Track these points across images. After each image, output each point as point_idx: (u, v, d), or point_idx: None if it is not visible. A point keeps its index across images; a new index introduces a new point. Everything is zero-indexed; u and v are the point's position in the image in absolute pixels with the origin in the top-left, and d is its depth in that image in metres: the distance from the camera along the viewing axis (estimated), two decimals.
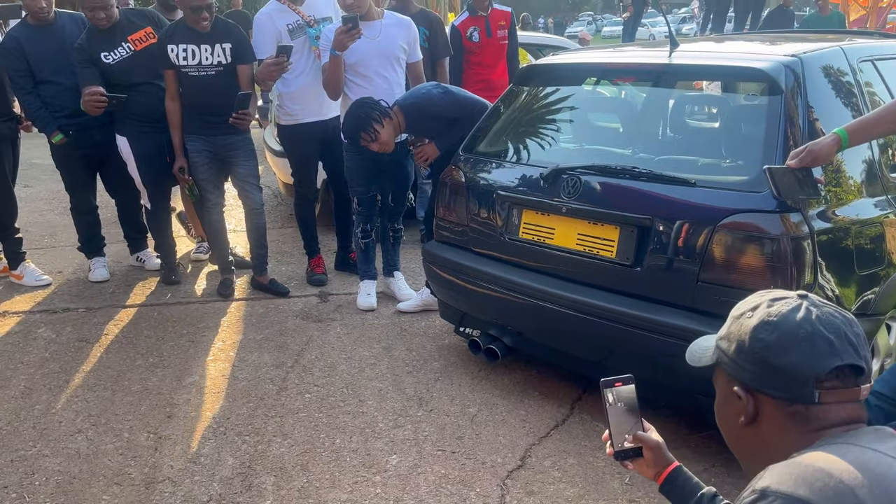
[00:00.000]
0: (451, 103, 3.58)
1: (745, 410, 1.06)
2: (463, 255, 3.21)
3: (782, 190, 2.21)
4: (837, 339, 1.01)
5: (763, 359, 1.03)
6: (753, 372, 1.04)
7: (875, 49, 2.94)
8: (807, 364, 1.00)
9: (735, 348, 1.07)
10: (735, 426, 1.09)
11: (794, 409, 1.02)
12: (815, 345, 1.00)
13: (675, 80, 3.00)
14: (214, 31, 3.91)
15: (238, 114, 3.85)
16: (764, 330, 1.04)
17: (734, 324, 1.10)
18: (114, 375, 3.36)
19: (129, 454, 2.74)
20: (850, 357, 1.01)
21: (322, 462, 2.68)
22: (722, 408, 1.14)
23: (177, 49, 3.89)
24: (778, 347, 1.02)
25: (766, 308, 1.06)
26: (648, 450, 1.39)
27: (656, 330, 2.49)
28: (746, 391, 1.06)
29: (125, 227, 4.78)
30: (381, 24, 3.86)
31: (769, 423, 1.05)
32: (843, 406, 1.01)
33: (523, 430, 2.87)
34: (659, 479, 1.39)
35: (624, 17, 12.77)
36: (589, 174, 2.75)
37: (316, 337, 3.75)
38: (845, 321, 1.04)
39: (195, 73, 3.92)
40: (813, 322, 1.02)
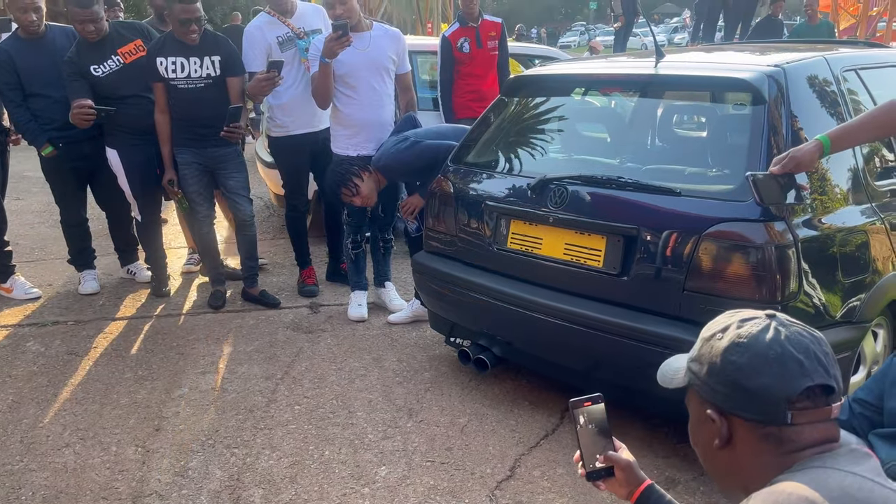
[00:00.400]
0: (420, 155, 3.54)
1: (719, 433, 1.06)
2: (452, 265, 3.21)
3: (765, 197, 2.23)
4: (807, 360, 1.01)
5: (735, 381, 1.03)
6: (726, 394, 1.04)
7: (858, 58, 2.97)
8: (778, 385, 1.01)
9: (707, 370, 1.07)
10: (710, 449, 1.09)
11: (768, 431, 1.02)
12: (786, 366, 1.01)
13: (660, 90, 3.01)
14: (203, 44, 3.92)
15: (229, 127, 3.85)
16: (735, 352, 1.04)
17: (705, 346, 1.09)
18: (102, 389, 3.34)
19: (117, 468, 2.73)
20: (820, 377, 1.01)
21: (311, 474, 2.67)
22: (696, 430, 1.14)
23: (166, 62, 3.90)
24: (749, 369, 1.02)
25: (735, 329, 1.06)
26: (620, 469, 1.38)
27: (643, 339, 2.49)
28: (720, 414, 1.06)
29: (115, 239, 4.78)
30: (370, 35, 3.87)
31: (743, 445, 1.05)
32: (816, 426, 1.02)
33: (513, 441, 2.86)
34: (632, 498, 1.38)
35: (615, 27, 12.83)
36: (575, 184, 2.76)
37: (306, 348, 3.74)
38: (814, 340, 1.04)
39: (184, 85, 3.93)
40: (782, 343, 1.02)
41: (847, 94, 2.73)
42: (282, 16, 4.14)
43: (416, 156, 3.56)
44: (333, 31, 3.60)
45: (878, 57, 3.11)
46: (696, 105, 3.34)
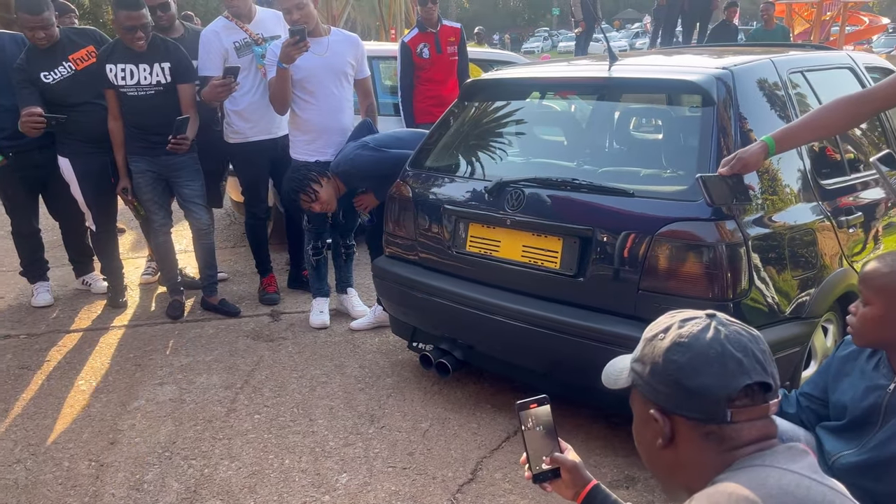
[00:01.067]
0: (380, 162, 3.54)
1: (662, 433, 1.07)
2: (412, 269, 3.21)
3: (715, 197, 2.27)
4: (746, 358, 1.03)
5: (676, 380, 1.04)
6: (668, 394, 1.06)
7: (805, 61, 3.04)
8: (718, 384, 1.02)
9: (649, 371, 1.08)
10: (653, 448, 1.10)
11: (709, 430, 1.04)
12: (726, 365, 1.02)
13: (614, 92, 3.05)
14: (153, 51, 3.87)
15: (176, 139, 3.77)
16: (676, 351, 1.05)
17: (647, 346, 1.10)
18: (55, 403, 3.26)
19: (70, 483, 2.66)
20: (758, 375, 1.03)
21: (270, 483, 2.63)
22: (639, 430, 1.15)
23: (115, 69, 3.84)
24: (690, 369, 1.03)
25: (677, 329, 1.07)
26: (566, 471, 1.39)
27: (600, 339, 2.51)
28: (662, 413, 1.07)
29: (70, 250, 4.68)
30: (328, 40, 3.86)
31: (686, 444, 1.06)
32: (755, 423, 1.04)
33: (475, 444, 2.86)
34: (578, 499, 1.39)
35: (576, 32, 12.98)
36: (532, 187, 2.78)
37: (267, 356, 3.70)
38: (752, 339, 1.06)
39: (134, 92, 3.87)
40: (722, 342, 1.04)
41: (794, 95, 2.80)
42: (239, 21, 4.09)
43: (376, 162, 3.55)
44: (290, 35, 3.57)
45: (824, 59, 3.19)
46: (649, 107, 3.39)
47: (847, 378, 1.83)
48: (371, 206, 3.72)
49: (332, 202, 3.73)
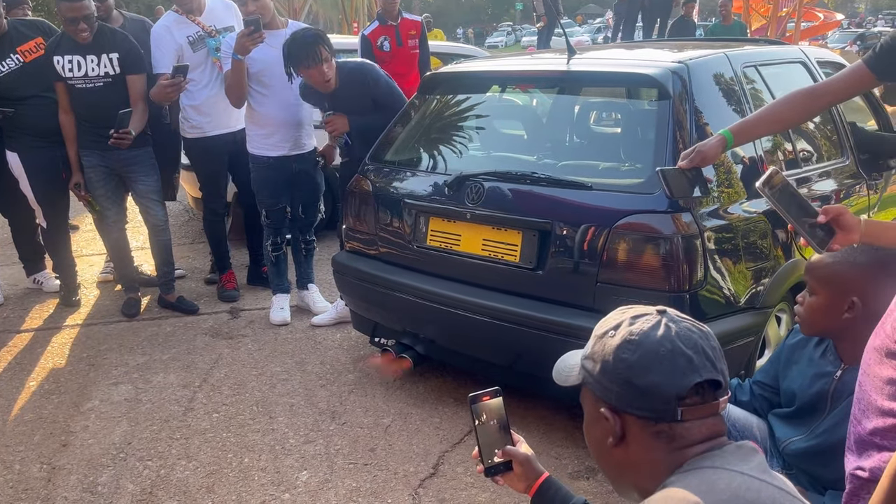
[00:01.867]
0: (387, 86, 3.56)
1: (613, 431, 1.06)
2: (373, 264, 3.18)
3: (674, 190, 2.28)
4: (696, 355, 1.02)
5: (627, 379, 1.03)
6: (618, 392, 1.04)
7: (758, 55, 3.09)
8: (668, 382, 1.01)
9: (600, 369, 1.06)
10: (604, 446, 1.08)
11: (659, 428, 1.03)
12: (676, 362, 1.01)
13: (573, 86, 3.07)
14: (100, 41, 3.77)
15: (118, 133, 3.65)
16: (626, 349, 1.04)
17: (598, 343, 1.09)
18: (4, 404, 3.17)
19: (20, 487, 2.58)
20: (708, 372, 1.02)
21: (229, 483, 2.59)
22: (590, 428, 1.13)
23: (62, 60, 3.73)
24: (640, 367, 1.02)
25: (627, 327, 1.06)
26: (518, 464, 1.37)
27: (560, 331, 2.52)
28: (613, 412, 1.05)
29: (20, 248, 4.54)
30: (284, 33, 3.78)
31: (636, 442, 1.05)
32: (705, 421, 1.03)
33: (437, 438, 2.86)
34: (530, 491, 1.38)
35: (538, 27, 13.05)
36: (491, 180, 2.77)
37: (226, 354, 3.64)
38: (702, 335, 1.05)
39: (82, 84, 3.77)
40: (672, 339, 1.02)
41: (748, 89, 2.84)
42: (190, 14, 4.00)
43: (386, 85, 3.55)
44: (245, 26, 3.51)
45: (777, 54, 3.25)
46: (607, 101, 3.41)
47: (796, 366, 1.87)
48: (340, 129, 3.55)
49: (333, 78, 3.47)
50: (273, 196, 3.88)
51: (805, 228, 1.70)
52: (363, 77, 3.55)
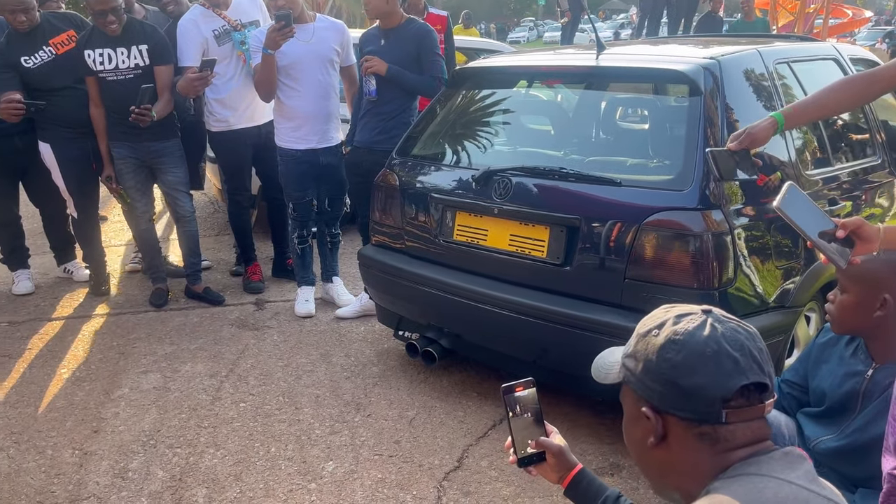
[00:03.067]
0: (437, 55, 3.68)
1: (654, 431, 1.04)
2: (399, 258, 3.20)
3: (723, 171, 2.23)
4: (742, 357, 1.00)
5: (670, 379, 1.01)
6: (661, 393, 1.02)
7: (790, 51, 3.06)
8: (713, 384, 0.99)
9: (642, 368, 1.04)
10: (644, 446, 1.06)
11: (703, 430, 1.00)
12: (722, 364, 0.99)
13: (602, 81, 3.06)
14: (130, 34, 3.82)
15: (140, 108, 3.70)
16: (671, 349, 1.01)
17: (640, 342, 1.06)
18: (37, 391, 3.23)
19: (53, 472, 2.64)
20: (754, 375, 1.00)
21: (256, 471, 2.63)
22: (630, 427, 1.11)
23: (93, 54, 3.79)
24: (685, 368, 1.00)
25: (671, 326, 1.03)
26: (552, 455, 1.37)
27: (587, 327, 2.52)
28: (654, 412, 1.03)
29: (51, 237, 4.61)
30: (313, 26, 3.82)
31: (678, 443, 1.03)
32: (749, 424, 1.01)
33: (461, 432, 2.87)
34: (563, 483, 1.38)
35: (562, 22, 12.98)
36: (519, 175, 2.78)
37: (252, 345, 3.68)
38: (749, 336, 1.02)
39: (113, 77, 3.83)
40: (718, 340, 1.00)
41: (780, 86, 2.82)
42: (216, 8, 4.02)
43: (437, 51, 3.67)
44: (276, 21, 3.53)
45: (809, 50, 3.21)
46: (636, 97, 3.39)
47: (826, 365, 1.86)
48: (378, 70, 3.58)
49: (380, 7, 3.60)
50: (300, 189, 3.91)
51: (825, 244, 1.66)
52: (422, 35, 3.65)
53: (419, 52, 3.62)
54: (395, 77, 3.59)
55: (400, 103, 3.67)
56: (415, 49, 3.62)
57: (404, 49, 3.62)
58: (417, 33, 3.65)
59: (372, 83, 3.65)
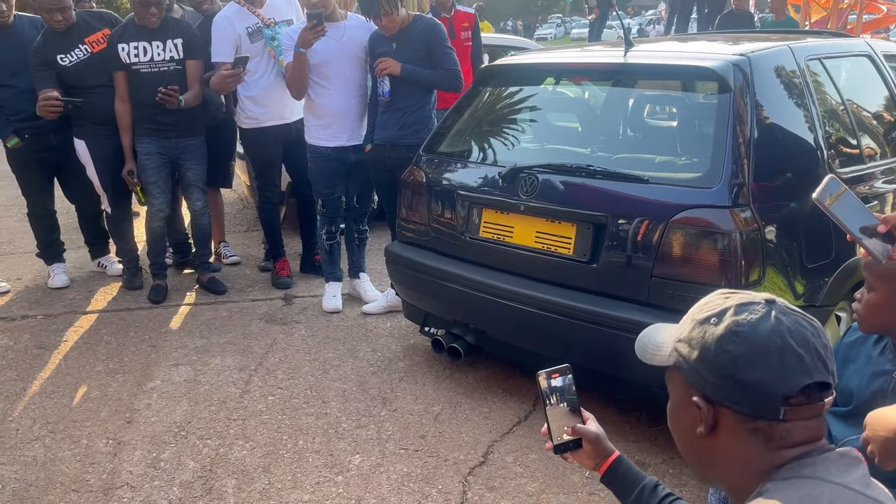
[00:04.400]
0: (448, 47, 3.69)
1: (705, 421, 0.99)
2: (425, 254, 3.22)
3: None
4: (808, 354, 0.94)
5: (729, 373, 0.96)
6: (716, 384, 0.97)
7: (822, 48, 3.02)
8: (775, 381, 0.94)
9: (697, 356, 0.99)
10: (690, 435, 1.02)
11: (757, 426, 0.96)
12: (786, 361, 0.94)
13: (630, 79, 3.05)
14: (165, 28, 3.92)
15: (167, 89, 3.80)
16: (731, 341, 0.96)
17: (697, 329, 1.00)
18: (72, 382, 3.31)
19: (87, 461, 2.71)
20: (819, 374, 0.95)
21: (284, 463, 2.67)
22: (677, 413, 1.06)
23: (128, 47, 3.87)
24: (745, 362, 0.95)
25: (733, 316, 0.98)
26: (588, 442, 1.36)
27: (613, 325, 2.52)
28: (707, 402, 0.98)
29: (85, 232, 4.72)
30: (345, 25, 3.86)
31: (729, 435, 0.98)
32: (808, 423, 0.96)
33: (486, 427, 2.89)
34: (600, 469, 1.37)
35: (590, 18, 12.88)
36: (546, 173, 2.78)
37: (280, 339, 3.73)
38: (814, 332, 0.97)
39: (147, 69, 3.91)
40: (783, 335, 0.95)
41: (811, 83, 2.78)
42: (251, 5, 4.09)
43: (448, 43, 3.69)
44: (308, 20, 3.57)
45: (842, 46, 3.16)
46: (664, 94, 3.37)
47: (853, 364, 1.84)
48: (391, 70, 3.61)
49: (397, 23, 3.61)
50: (329, 186, 3.96)
51: (865, 239, 1.65)
52: (430, 30, 3.66)
53: (429, 48, 3.64)
54: (410, 75, 3.60)
55: (418, 98, 3.69)
56: (424, 45, 3.63)
57: (414, 47, 3.64)
58: (425, 29, 3.66)
59: (386, 85, 3.68)
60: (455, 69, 3.66)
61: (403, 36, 3.65)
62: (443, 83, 3.68)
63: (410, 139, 3.58)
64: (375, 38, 3.78)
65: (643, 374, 2.46)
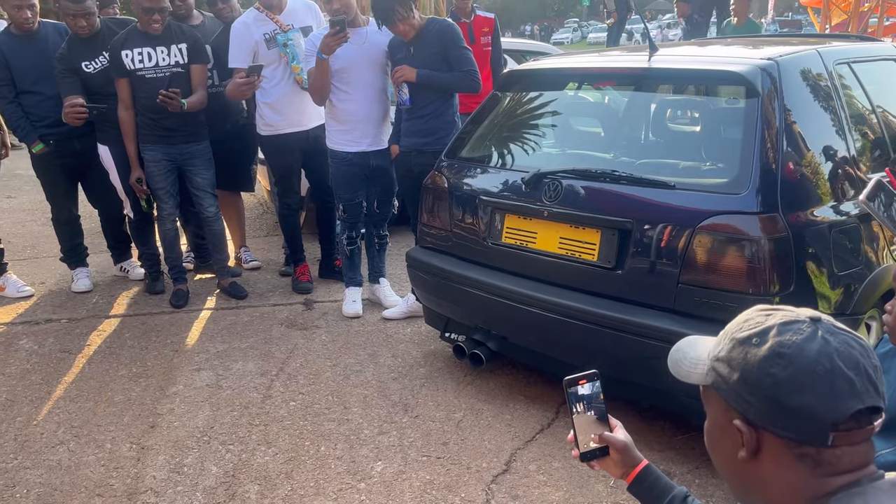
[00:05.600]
0: (464, 48, 3.65)
1: (748, 446, 0.94)
2: (447, 260, 3.21)
3: None
4: (858, 378, 0.89)
5: (773, 397, 0.90)
6: (759, 408, 0.92)
7: (851, 52, 2.98)
8: (824, 407, 0.88)
9: (739, 378, 0.94)
10: (731, 459, 0.98)
11: (804, 451, 0.91)
12: (835, 385, 0.88)
13: (654, 83, 3.02)
14: (168, 34, 3.95)
15: (167, 91, 3.81)
16: (776, 364, 0.90)
17: (737, 349, 0.95)
18: (96, 386, 3.33)
19: (112, 465, 2.72)
20: (870, 398, 0.89)
21: (306, 470, 2.67)
22: (716, 435, 1.01)
23: (132, 54, 3.91)
24: (792, 386, 0.89)
25: (776, 336, 0.92)
26: (616, 450, 1.33)
27: (638, 332, 2.49)
28: (749, 426, 0.93)
29: (108, 237, 4.76)
30: (366, 30, 3.86)
31: (773, 462, 0.93)
32: (857, 448, 0.91)
33: (509, 435, 2.86)
34: (627, 478, 1.34)
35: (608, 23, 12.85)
36: (570, 178, 2.76)
37: (301, 345, 3.74)
38: (863, 352, 0.92)
39: (152, 75, 3.93)
40: (832, 357, 0.89)
41: (840, 87, 2.74)
42: (269, 11, 4.10)
43: (463, 44, 3.65)
44: (331, 26, 3.58)
45: (870, 50, 3.12)
46: (689, 99, 3.34)
47: (885, 376, 1.79)
48: (407, 77, 3.61)
49: (412, 29, 3.61)
50: (350, 191, 3.96)
51: None
52: (444, 32, 3.64)
53: (445, 50, 3.62)
54: (427, 80, 3.59)
55: (439, 104, 3.68)
56: (440, 48, 3.62)
57: (430, 51, 3.62)
58: (439, 31, 3.65)
59: (405, 93, 3.68)
60: (471, 69, 3.64)
61: (419, 40, 3.65)
62: (460, 85, 3.66)
63: (436, 145, 3.56)
64: (394, 45, 3.77)
65: (669, 382, 2.44)
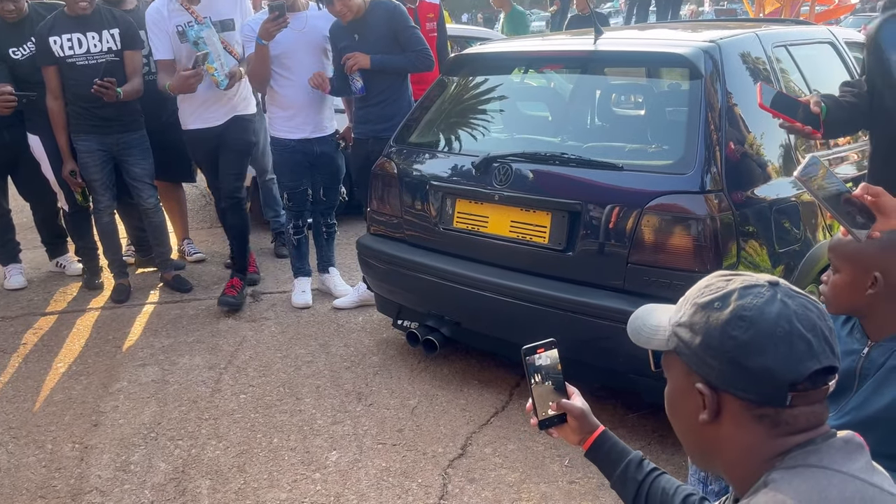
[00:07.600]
0: (412, 28, 3.60)
1: (709, 408, 0.96)
2: (398, 247, 3.18)
3: None
4: (815, 339, 0.92)
5: (735, 359, 0.93)
6: (721, 371, 0.94)
7: (788, 35, 3.06)
8: (783, 368, 0.91)
9: (701, 342, 0.95)
10: (693, 422, 0.99)
11: (763, 412, 0.93)
12: (794, 346, 0.91)
13: (600, 66, 3.05)
14: (99, 18, 3.78)
15: (102, 80, 3.62)
16: (738, 326, 0.92)
17: (699, 313, 0.96)
18: (34, 386, 3.20)
19: (53, 466, 2.61)
20: (826, 359, 0.92)
21: (259, 462, 2.61)
22: (676, 399, 1.02)
23: (60, 40, 3.72)
24: (752, 348, 0.92)
25: (738, 300, 0.94)
26: (573, 417, 1.35)
27: (589, 313, 2.52)
28: (711, 389, 0.95)
29: (42, 231, 4.56)
30: (306, 15, 3.78)
31: (732, 423, 0.95)
32: (813, 408, 0.94)
33: (463, 419, 2.87)
34: (584, 444, 1.36)
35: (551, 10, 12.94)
36: (519, 161, 2.77)
37: (250, 337, 3.66)
38: (819, 315, 0.94)
39: (84, 62, 3.76)
40: (790, 319, 0.92)
41: (778, 69, 2.81)
42: (187, 2, 3.74)
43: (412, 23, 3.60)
44: (270, 11, 3.48)
45: (806, 34, 3.21)
46: (635, 81, 3.39)
47: None
48: (360, 64, 3.53)
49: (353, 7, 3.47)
50: (295, 179, 3.88)
51: (844, 217, 1.66)
52: (391, 14, 3.59)
53: (395, 32, 3.58)
54: (382, 65, 3.55)
55: (394, 88, 3.64)
56: (389, 30, 3.57)
57: (378, 34, 3.57)
58: (385, 13, 3.59)
59: (358, 81, 3.60)
60: (423, 48, 3.61)
61: (364, 25, 3.58)
62: (416, 65, 3.63)
63: (393, 131, 3.50)
64: (336, 31, 3.68)
65: (620, 361, 2.49)
